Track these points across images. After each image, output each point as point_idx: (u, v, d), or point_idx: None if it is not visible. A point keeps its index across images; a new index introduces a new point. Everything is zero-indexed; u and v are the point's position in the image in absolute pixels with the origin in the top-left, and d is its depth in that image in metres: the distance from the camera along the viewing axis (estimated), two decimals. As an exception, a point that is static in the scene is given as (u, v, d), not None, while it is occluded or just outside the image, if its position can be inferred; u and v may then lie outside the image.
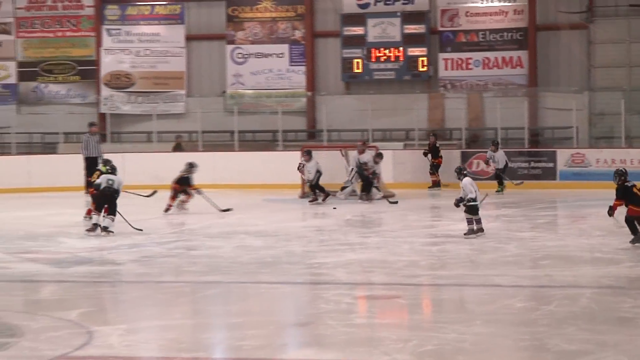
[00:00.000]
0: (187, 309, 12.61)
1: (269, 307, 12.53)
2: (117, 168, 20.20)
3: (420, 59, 34.25)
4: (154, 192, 20.99)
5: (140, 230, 19.73)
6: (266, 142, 34.06)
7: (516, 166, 29.36)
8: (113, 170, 20.02)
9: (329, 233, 19.31)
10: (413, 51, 34.29)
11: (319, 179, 25.54)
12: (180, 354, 9.94)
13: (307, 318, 11.81)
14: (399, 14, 34.44)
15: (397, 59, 34.35)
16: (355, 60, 34.60)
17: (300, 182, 26.92)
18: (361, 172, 25.96)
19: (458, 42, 34.37)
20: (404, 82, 34.69)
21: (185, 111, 35.96)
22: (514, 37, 34.00)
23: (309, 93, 35.26)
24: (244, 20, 35.87)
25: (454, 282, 14.30)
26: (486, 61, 34.16)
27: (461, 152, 30.42)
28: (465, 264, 15.60)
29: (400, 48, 34.34)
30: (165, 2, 36.32)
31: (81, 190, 28.17)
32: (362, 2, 34.85)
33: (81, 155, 28.61)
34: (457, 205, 18.33)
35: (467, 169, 19.38)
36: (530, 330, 10.76)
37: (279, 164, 29.48)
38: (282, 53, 35.70)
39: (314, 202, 25.27)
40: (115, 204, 19.73)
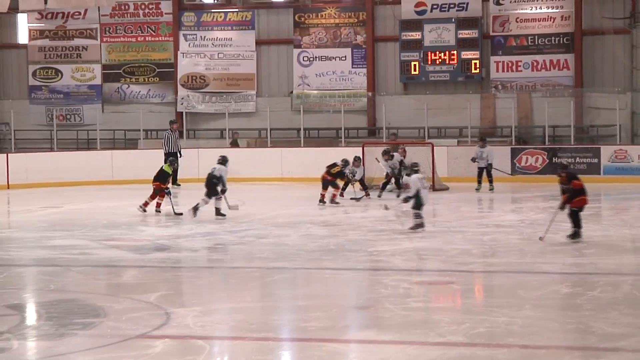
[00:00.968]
0: (257, 293, 12.67)
1: (332, 292, 12.56)
2: (228, 159, 21.20)
3: (473, 61, 34.09)
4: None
5: (237, 209, 20.77)
6: (330, 138, 34.05)
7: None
8: (222, 161, 20.99)
9: (387, 223, 19.27)
10: (466, 54, 34.15)
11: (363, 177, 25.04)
12: (250, 334, 9.99)
13: (367, 302, 11.82)
14: (453, 20, 34.31)
15: (451, 62, 34.22)
16: (413, 63, 34.50)
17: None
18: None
19: (509, 46, 34.13)
20: (457, 83, 34.57)
21: (255, 110, 36.07)
22: (561, 41, 33.70)
23: (369, 93, 35.21)
24: (309, 26, 35.90)
25: (504, 269, 14.25)
26: (535, 64, 33.89)
27: (511, 148, 30.22)
28: (515, 252, 15.53)
29: (455, 51, 34.20)
30: (237, 9, 36.43)
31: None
32: (419, 9, 34.72)
33: (162, 150, 28.86)
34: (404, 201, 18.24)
35: (419, 167, 19.13)
36: (576, 314, 10.70)
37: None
38: (345, 56, 35.68)
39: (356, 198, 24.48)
40: (214, 189, 20.53)
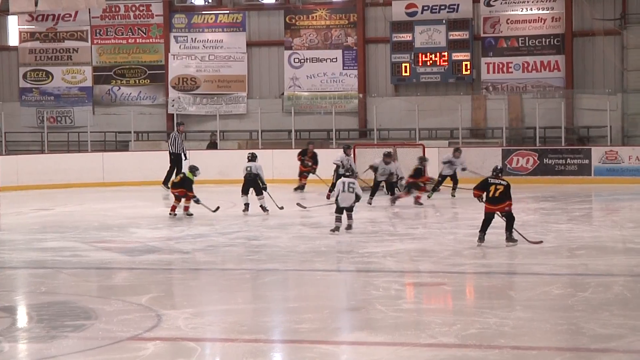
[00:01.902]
0: (248, 295, 12.66)
1: (323, 293, 12.55)
2: (257, 156, 21.75)
3: (464, 63, 34.12)
4: (217, 208, 21.01)
5: (281, 209, 21.43)
6: (321, 140, 34.03)
7: (553, 162, 29.27)
8: (253, 157, 21.39)
9: (379, 225, 19.27)
10: (457, 56, 34.18)
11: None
12: (241, 336, 9.97)
13: (359, 303, 11.81)
14: (444, 22, 34.33)
15: (442, 63, 34.25)
16: (404, 64, 34.52)
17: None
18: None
19: (499, 47, 34.15)
20: (448, 84, 34.59)
21: (246, 112, 36.04)
22: (552, 43, 33.73)
23: (360, 95, 35.22)
24: (300, 27, 35.88)
25: (495, 270, 14.26)
26: (526, 65, 33.92)
27: (502, 149, 30.26)
28: (506, 253, 15.53)
29: (445, 53, 34.23)
30: (227, 11, 36.40)
31: (151, 185, 28.40)
32: (410, 10, 34.74)
33: (154, 152, 28.79)
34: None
35: (355, 173, 19.47)
36: (567, 315, 10.70)
37: (332, 160, 29.44)
38: (336, 58, 35.67)
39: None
40: (259, 186, 21.09)
